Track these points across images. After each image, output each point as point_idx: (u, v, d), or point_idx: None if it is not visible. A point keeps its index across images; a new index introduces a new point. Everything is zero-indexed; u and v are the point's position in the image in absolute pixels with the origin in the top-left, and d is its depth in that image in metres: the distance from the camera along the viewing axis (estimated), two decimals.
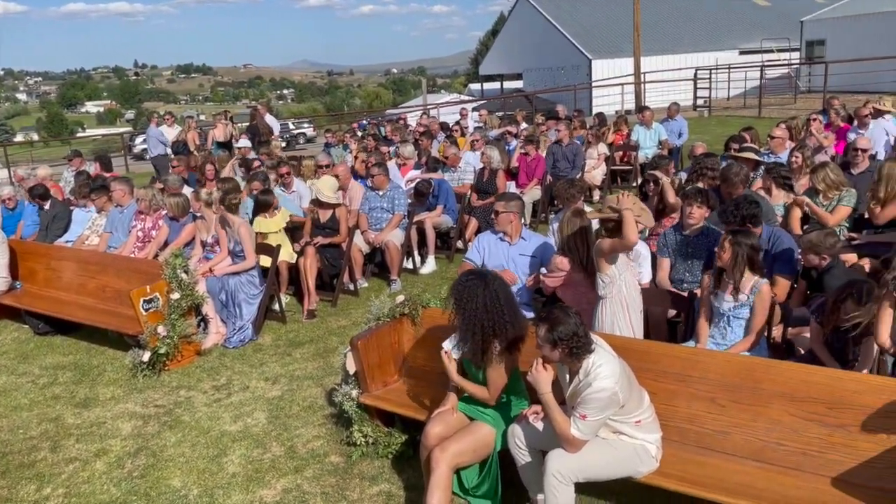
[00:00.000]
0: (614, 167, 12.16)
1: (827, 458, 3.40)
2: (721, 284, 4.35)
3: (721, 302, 4.35)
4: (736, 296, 4.30)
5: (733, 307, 4.31)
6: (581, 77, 32.94)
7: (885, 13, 24.98)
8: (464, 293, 3.64)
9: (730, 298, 4.32)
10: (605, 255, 4.28)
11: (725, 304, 4.34)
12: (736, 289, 4.29)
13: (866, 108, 9.80)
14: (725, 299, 4.34)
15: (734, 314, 4.32)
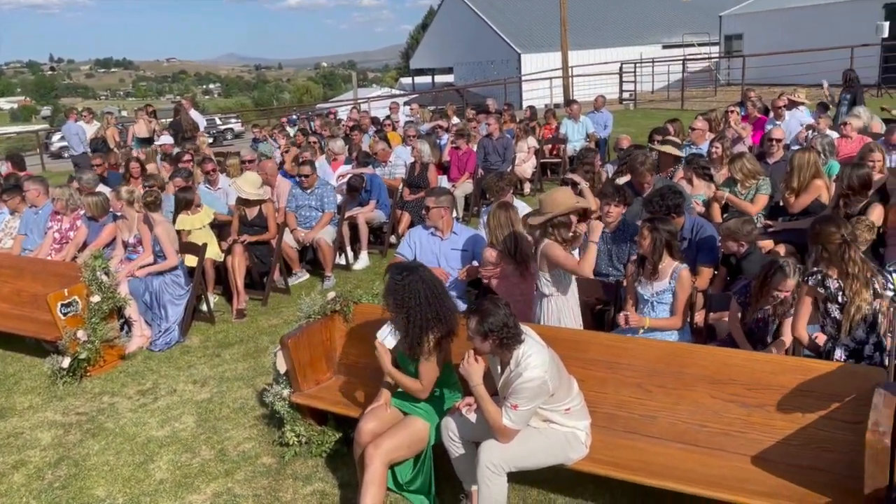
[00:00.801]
0: (544, 160, 12.32)
1: (747, 437, 3.53)
2: (643, 272, 4.46)
3: (644, 288, 4.47)
4: (657, 281, 4.41)
5: (656, 292, 4.43)
6: (511, 71, 33.26)
7: (798, 8, 26.11)
8: (403, 290, 3.63)
9: (652, 284, 4.44)
10: (555, 260, 4.31)
11: (648, 290, 4.45)
12: (656, 274, 4.40)
13: (782, 100, 10.21)
14: (648, 285, 4.46)
15: (657, 299, 4.44)
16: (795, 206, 6.04)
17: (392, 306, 3.67)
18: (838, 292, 3.67)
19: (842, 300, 3.66)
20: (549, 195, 4.44)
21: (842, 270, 3.68)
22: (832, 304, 3.71)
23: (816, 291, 3.73)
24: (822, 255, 3.76)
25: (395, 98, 23.20)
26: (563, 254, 4.25)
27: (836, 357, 3.73)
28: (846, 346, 3.71)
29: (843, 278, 3.67)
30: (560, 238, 4.26)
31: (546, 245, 4.28)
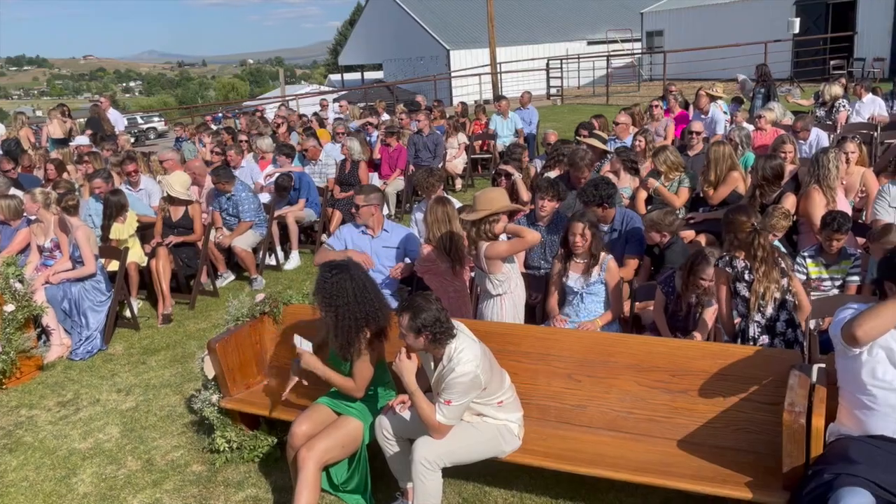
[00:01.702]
0: (474, 156, 12.40)
1: (673, 422, 3.64)
2: (571, 266, 4.53)
3: (574, 282, 4.54)
4: (590, 275, 4.50)
5: (586, 285, 4.51)
6: (440, 67, 33.33)
7: (715, 5, 27.08)
8: (332, 288, 3.59)
9: (582, 278, 4.52)
10: (502, 257, 4.32)
11: (578, 283, 4.53)
12: (590, 269, 4.49)
13: (704, 97, 10.54)
14: (577, 279, 4.53)
15: (588, 291, 4.52)
16: (715, 198, 6.25)
17: (321, 305, 3.62)
18: (745, 271, 3.85)
19: (749, 278, 3.83)
20: (484, 194, 4.47)
21: (749, 254, 3.86)
22: (740, 284, 3.89)
23: (725, 272, 3.90)
24: (732, 242, 3.94)
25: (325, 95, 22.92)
26: (506, 244, 4.30)
27: (751, 334, 3.89)
28: (758, 322, 3.88)
29: (751, 260, 3.84)
30: (490, 235, 4.30)
31: (487, 248, 4.30)
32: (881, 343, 2.94)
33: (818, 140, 8.20)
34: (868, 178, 6.01)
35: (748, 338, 3.92)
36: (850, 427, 3.02)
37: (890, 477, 2.73)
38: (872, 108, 10.50)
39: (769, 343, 3.89)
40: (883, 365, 2.93)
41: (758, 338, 3.90)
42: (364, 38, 43.50)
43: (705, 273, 4.10)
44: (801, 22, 22.40)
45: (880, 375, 2.93)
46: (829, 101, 10.81)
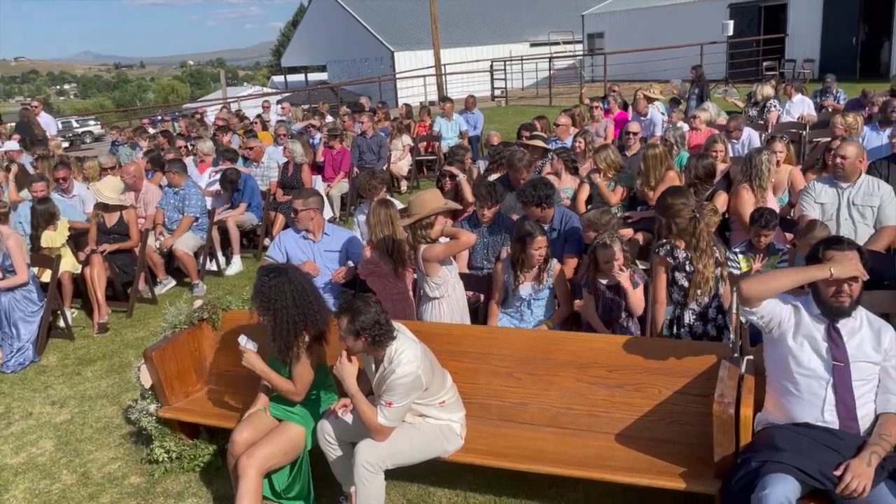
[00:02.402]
0: (419, 157, 12.42)
1: (611, 417, 3.72)
2: (524, 276, 4.51)
3: (525, 291, 4.53)
4: (541, 282, 4.53)
5: (535, 292, 4.54)
6: (385, 69, 33.25)
7: (653, 7, 27.73)
8: (270, 292, 3.56)
9: (531, 286, 4.54)
10: (438, 259, 4.33)
11: (526, 290, 4.54)
12: (541, 276, 4.52)
13: (642, 99, 10.78)
14: (528, 287, 4.54)
15: (535, 297, 4.54)
16: (654, 199, 6.38)
17: (259, 308, 3.59)
18: (686, 262, 3.94)
19: (689, 269, 3.93)
20: (418, 196, 4.49)
21: (689, 243, 3.96)
22: (679, 273, 3.99)
23: (666, 261, 3.99)
24: (670, 228, 4.01)
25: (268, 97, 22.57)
26: (442, 247, 4.30)
27: (686, 321, 4.00)
28: (693, 310, 4.00)
29: (691, 250, 3.94)
30: (428, 239, 4.31)
31: (424, 251, 4.30)
32: (804, 331, 3.07)
33: (750, 139, 8.47)
34: (795, 176, 6.24)
35: (683, 325, 4.03)
36: (777, 416, 3.14)
37: (813, 463, 2.84)
38: (802, 107, 10.91)
39: (702, 329, 4.00)
40: (807, 353, 3.06)
41: (693, 325, 4.01)
42: (307, 39, 43.11)
43: (606, 256, 4.17)
44: (735, 24, 23.12)
45: (804, 363, 3.05)
46: (761, 102, 11.19)
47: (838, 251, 3.05)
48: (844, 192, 5.13)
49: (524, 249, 4.38)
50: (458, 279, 4.55)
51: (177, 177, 7.54)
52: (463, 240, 4.28)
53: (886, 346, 3.02)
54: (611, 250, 4.21)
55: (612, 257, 4.21)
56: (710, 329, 4.05)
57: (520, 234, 4.42)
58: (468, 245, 4.38)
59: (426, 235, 4.34)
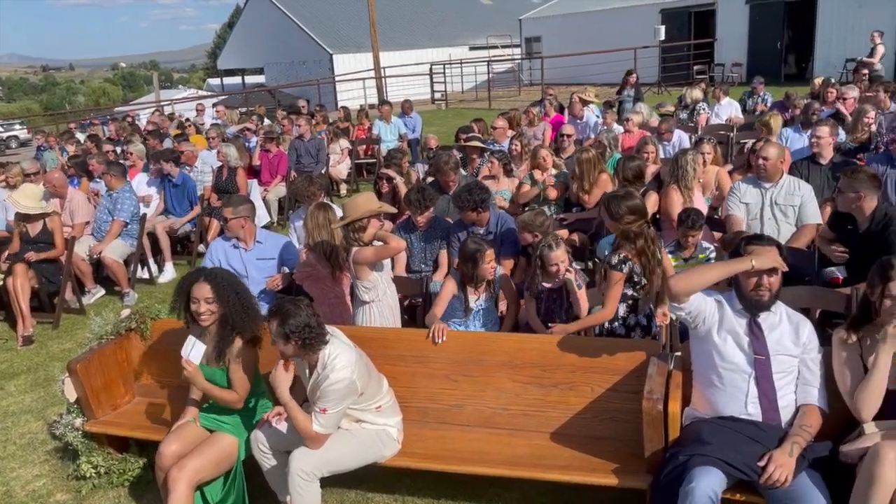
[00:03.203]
0: (359, 160, 12.35)
1: (546, 416, 3.77)
2: (472, 290, 4.47)
3: (474, 303, 4.47)
4: (491, 291, 4.52)
5: (484, 300, 4.52)
6: (324, 71, 32.96)
7: (588, 12, 28.26)
8: (222, 282, 3.60)
9: (484, 297, 4.51)
10: (368, 263, 4.29)
11: (475, 301, 4.51)
12: (491, 286, 4.50)
13: (578, 102, 10.95)
14: (474, 295, 4.50)
15: (483, 306, 4.52)
16: (590, 202, 6.50)
17: (216, 296, 3.59)
18: (640, 277, 3.98)
19: (643, 283, 3.98)
20: (351, 200, 4.46)
21: (644, 250, 3.97)
22: (630, 286, 4.02)
23: (624, 276, 3.98)
24: (627, 238, 4.01)
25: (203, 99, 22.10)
26: (372, 250, 4.26)
27: (619, 313, 4.05)
28: (625, 301, 4.05)
29: (645, 259, 3.96)
30: (361, 242, 4.28)
31: (354, 253, 4.27)
32: (727, 326, 3.17)
33: (681, 141, 8.72)
34: (722, 177, 6.44)
35: (616, 317, 4.06)
36: (703, 410, 3.24)
37: (738, 455, 2.93)
38: (729, 110, 11.28)
39: (634, 320, 4.05)
40: (730, 347, 3.16)
41: (626, 316, 4.06)
42: (244, 41, 42.39)
43: (552, 259, 4.21)
44: (667, 29, 23.75)
45: (728, 357, 3.15)
46: (691, 105, 11.52)
47: (759, 245, 3.16)
48: (767, 192, 5.31)
49: (476, 267, 4.30)
50: (391, 284, 4.52)
51: (114, 180, 7.32)
52: (392, 245, 4.24)
53: (804, 339, 3.15)
54: (557, 252, 4.25)
55: (559, 259, 4.25)
56: (641, 319, 4.09)
57: (468, 253, 4.31)
58: (397, 251, 4.34)
59: (359, 238, 4.31)
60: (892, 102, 9.00)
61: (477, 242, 4.37)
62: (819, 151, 6.17)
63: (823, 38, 21.56)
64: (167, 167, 8.29)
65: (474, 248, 4.30)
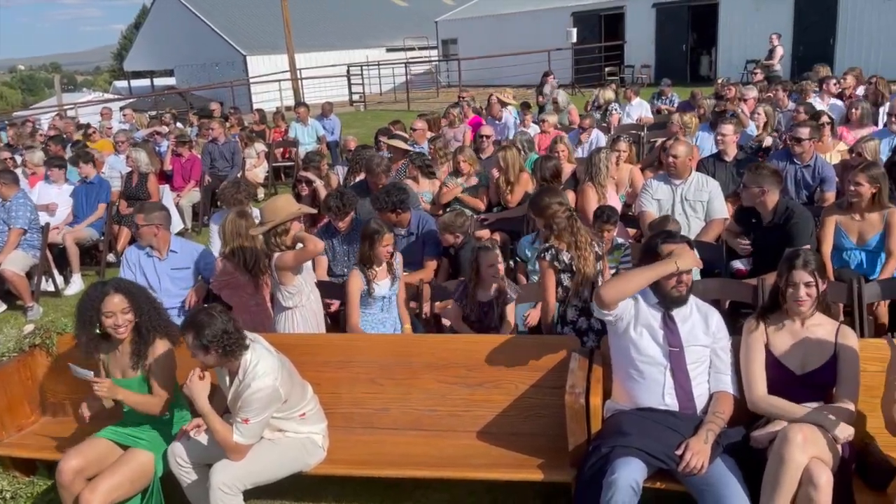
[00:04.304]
0: (276, 164, 12.11)
1: (472, 415, 3.79)
2: (377, 276, 4.48)
3: (379, 289, 4.50)
4: (395, 275, 4.53)
5: (388, 287, 4.51)
6: (238, 73, 32.17)
7: (503, 15, 28.66)
8: (133, 289, 3.54)
9: (387, 282, 4.51)
10: (290, 267, 4.20)
11: (384, 289, 4.50)
12: (392, 270, 4.52)
13: (496, 103, 11.08)
14: (385, 285, 4.51)
15: (388, 293, 4.52)
16: (513, 200, 6.59)
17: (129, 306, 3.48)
18: (571, 263, 4.00)
19: (574, 270, 3.99)
20: (269, 203, 4.36)
21: (571, 242, 3.99)
22: (564, 274, 4.04)
23: (554, 266, 4.01)
24: (551, 229, 4.04)
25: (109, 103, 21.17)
26: (292, 254, 4.18)
27: (570, 317, 4.06)
28: (576, 305, 4.04)
29: (574, 249, 3.98)
30: (283, 247, 4.19)
31: (276, 259, 4.17)
32: (642, 321, 3.26)
33: (597, 139, 8.95)
34: (635, 175, 6.64)
35: (567, 321, 4.08)
36: (623, 402, 3.32)
37: (657, 444, 3.03)
38: (640, 110, 11.67)
39: (587, 324, 4.06)
40: (646, 341, 3.25)
41: (577, 320, 4.06)
42: (152, 42, 40.91)
43: (490, 261, 4.26)
44: (579, 32, 24.32)
45: (644, 351, 3.24)
46: (603, 105, 11.84)
47: (674, 244, 3.27)
48: (677, 188, 5.50)
49: (372, 247, 4.32)
50: (314, 288, 4.45)
51: (5, 188, 6.88)
52: (310, 247, 4.16)
53: (714, 329, 3.28)
54: (493, 253, 4.27)
55: (496, 260, 4.27)
56: (595, 323, 4.06)
57: (368, 233, 4.35)
58: (316, 252, 4.26)
59: (281, 243, 4.22)
60: (789, 101, 9.51)
61: (378, 224, 4.38)
62: (724, 149, 6.45)
63: (725, 40, 22.61)
64: (85, 169, 7.92)
65: (375, 229, 4.33)
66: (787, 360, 3.16)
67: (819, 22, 20.38)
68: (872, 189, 4.57)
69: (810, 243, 4.62)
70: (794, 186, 5.96)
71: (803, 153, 5.92)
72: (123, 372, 3.57)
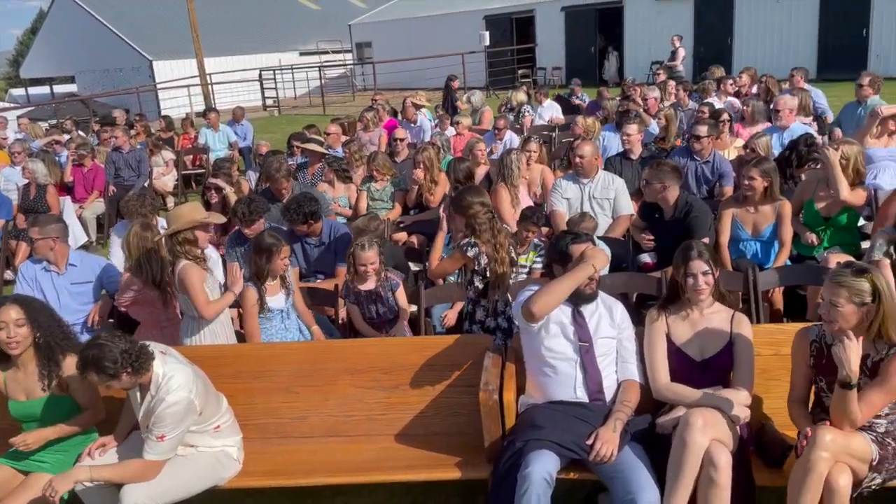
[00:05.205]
0: (186, 171, 11.77)
1: (389, 418, 3.79)
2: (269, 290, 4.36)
3: (273, 302, 4.37)
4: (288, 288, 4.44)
5: (283, 299, 4.41)
6: (143, 79, 31.04)
7: (417, 18, 28.79)
8: (33, 304, 3.41)
9: (282, 295, 4.40)
10: (184, 285, 4.05)
11: (279, 302, 4.36)
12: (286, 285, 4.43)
13: (410, 106, 11.10)
14: (279, 298, 4.38)
15: (285, 306, 4.42)
16: (434, 200, 6.63)
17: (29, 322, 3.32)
18: (486, 267, 4.02)
19: (489, 274, 4.02)
20: (175, 210, 4.26)
21: (491, 242, 3.98)
22: (477, 276, 4.06)
23: (467, 256, 3.99)
24: (473, 230, 4.01)
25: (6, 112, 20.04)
26: (199, 287, 4.00)
27: (478, 317, 4.10)
28: (484, 306, 4.08)
29: (493, 250, 3.98)
30: (190, 255, 4.08)
31: (182, 268, 4.04)
32: (554, 319, 3.34)
33: (511, 141, 9.09)
34: (546, 174, 6.80)
35: (475, 321, 4.10)
36: (536, 396, 3.40)
37: (569, 436, 3.11)
38: (551, 111, 11.94)
39: (494, 323, 4.09)
40: (557, 338, 3.34)
41: (484, 320, 4.09)
42: (51, 47, 39.01)
43: (361, 259, 4.29)
44: (491, 35, 24.72)
45: (556, 348, 3.33)
46: (516, 107, 12.05)
47: (583, 244, 3.37)
48: (585, 187, 5.67)
49: (270, 261, 4.19)
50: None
51: None
52: (202, 308, 4.02)
53: (619, 320, 3.41)
54: (368, 253, 4.29)
55: (369, 260, 4.30)
56: (502, 322, 4.09)
57: (264, 246, 4.20)
58: (199, 312, 4.06)
59: (186, 251, 4.11)
60: (690, 101, 9.93)
61: (274, 237, 4.28)
62: (630, 148, 6.69)
63: (631, 42, 23.42)
64: None
65: (271, 242, 4.22)
66: (687, 347, 3.30)
67: (717, 23, 21.39)
68: (764, 183, 4.83)
69: (709, 236, 4.85)
70: (694, 182, 6.23)
71: (702, 150, 6.21)
72: (28, 393, 3.41)
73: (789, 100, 7.15)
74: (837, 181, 4.78)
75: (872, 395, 2.85)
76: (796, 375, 3.19)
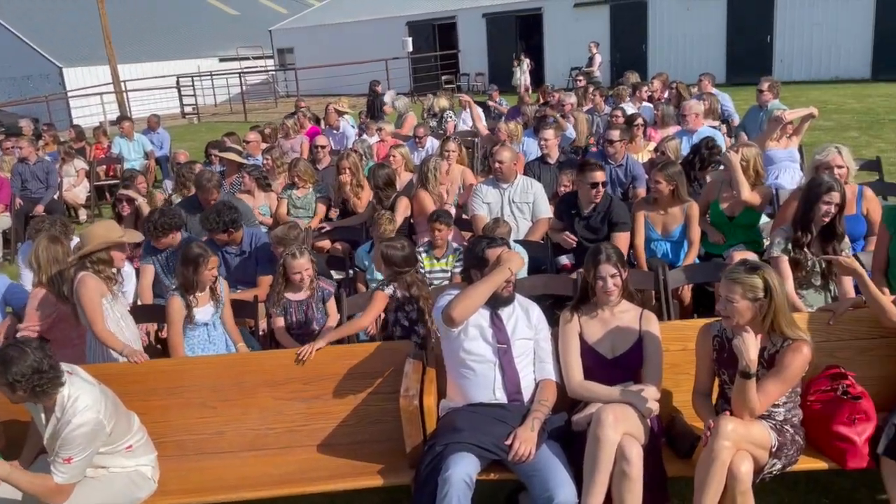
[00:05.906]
0: (99, 182, 11.33)
1: (311, 428, 3.76)
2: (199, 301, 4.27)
3: (201, 314, 4.30)
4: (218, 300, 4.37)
5: (213, 314, 4.35)
6: (53, 86, 29.73)
7: (339, 24, 28.63)
8: None
9: (210, 307, 4.34)
10: (79, 300, 3.93)
11: (206, 314, 4.28)
12: (216, 297, 4.35)
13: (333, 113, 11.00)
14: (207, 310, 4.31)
15: (217, 318, 4.36)
16: (360, 205, 6.61)
17: None
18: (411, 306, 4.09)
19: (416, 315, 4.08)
20: (89, 229, 4.13)
21: (409, 283, 4.08)
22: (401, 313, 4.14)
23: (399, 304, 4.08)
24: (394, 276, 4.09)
25: None
26: (95, 301, 3.89)
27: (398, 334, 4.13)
28: None
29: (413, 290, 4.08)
30: (103, 275, 3.95)
31: (80, 279, 3.91)
32: (472, 322, 3.39)
33: (433, 148, 9.14)
34: (466, 175, 6.89)
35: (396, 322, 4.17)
36: (457, 400, 3.44)
37: (488, 437, 3.16)
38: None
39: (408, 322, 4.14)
40: (476, 341, 3.39)
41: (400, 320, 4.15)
42: None
43: (292, 268, 4.29)
44: (414, 41, 24.82)
45: (475, 351, 3.38)
46: (439, 113, 12.12)
47: (498, 248, 3.43)
48: (505, 191, 5.76)
49: (197, 272, 4.13)
50: (127, 314, 4.22)
51: None
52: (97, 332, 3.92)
53: (535, 321, 3.49)
54: (301, 260, 4.27)
55: (303, 267, 4.27)
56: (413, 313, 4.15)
57: (191, 257, 4.14)
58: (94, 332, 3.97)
59: (102, 271, 3.99)
60: (606, 105, 10.22)
61: (202, 248, 4.23)
62: (548, 152, 6.84)
63: (550, 48, 23.94)
64: None
65: (198, 253, 4.15)
66: (599, 346, 3.41)
67: (631, 30, 22.11)
68: (670, 186, 5.03)
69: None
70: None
71: (615, 154, 6.41)
72: None
73: (695, 104, 7.46)
74: (738, 182, 5.02)
75: (769, 384, 3.02)
76: (700, 369, 3.34)
